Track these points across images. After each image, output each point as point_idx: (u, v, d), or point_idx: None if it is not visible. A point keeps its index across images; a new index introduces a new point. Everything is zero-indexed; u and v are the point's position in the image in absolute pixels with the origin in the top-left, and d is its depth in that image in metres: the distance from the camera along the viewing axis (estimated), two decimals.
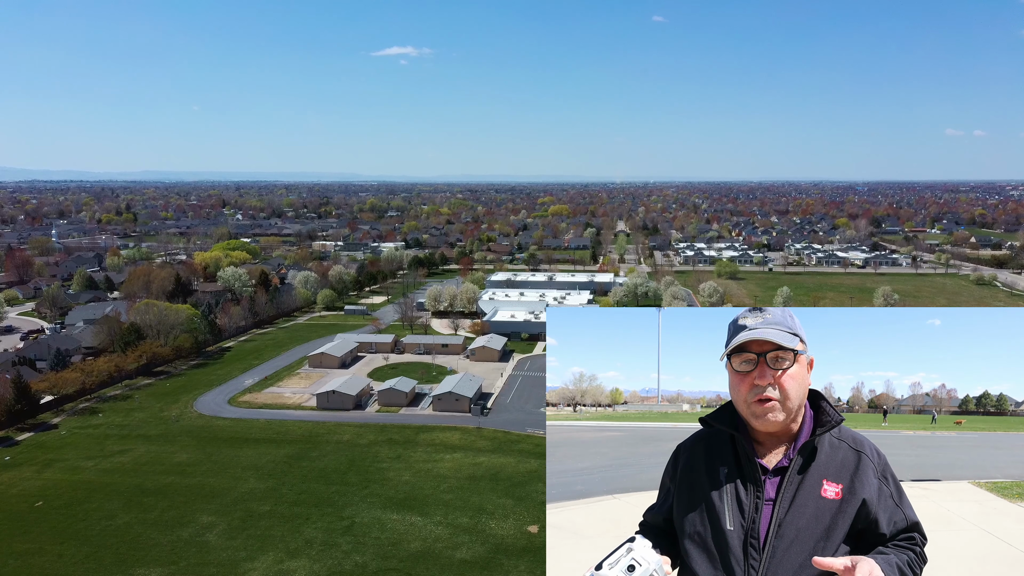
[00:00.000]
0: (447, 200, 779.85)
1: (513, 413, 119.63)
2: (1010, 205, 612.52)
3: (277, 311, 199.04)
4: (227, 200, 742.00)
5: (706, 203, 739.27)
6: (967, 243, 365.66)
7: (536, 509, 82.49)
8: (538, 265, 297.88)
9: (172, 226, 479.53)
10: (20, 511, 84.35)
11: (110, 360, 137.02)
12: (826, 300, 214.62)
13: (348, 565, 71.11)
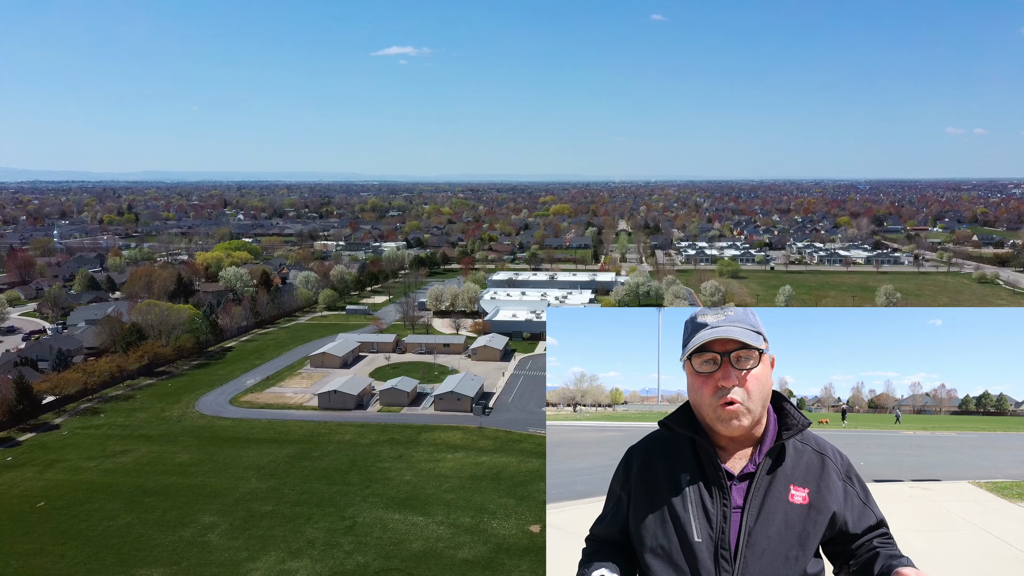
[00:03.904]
0: (448, 200, 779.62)
1: (515, 412, 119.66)
2: (1012, 203, 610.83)
3: (278, 311, 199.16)
4: (228, 200, 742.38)
5: (707, 202, 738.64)
6: (969, 241, 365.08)
7: (538, 509, 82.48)
8: (539, 264, 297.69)
9: (173, 226, 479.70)
10: (22, 511, 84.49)
11: (112, 360, 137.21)
12: (828, 299, 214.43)
13: (350, 565, 71.18)
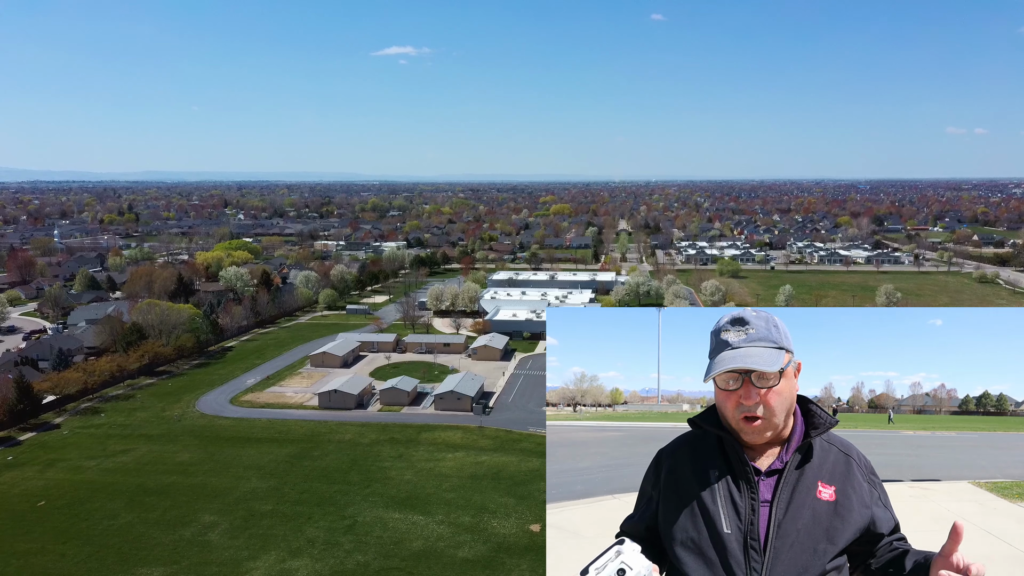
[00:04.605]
0: (448, 199, 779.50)
1: (515, 412, 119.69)
2: (1012, 203, 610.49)
3: (279, 311, 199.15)
4: (229, 200, 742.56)
5: (708, 202, 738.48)
6: (969, 241, 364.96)
7: (538, 508, 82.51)
8: (540, 264, 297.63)
9: (174, 226, 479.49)
10: (22, 511, 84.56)
11: (112, 360, 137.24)
12: (828, 299, 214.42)
13: (350, 564, 71.21)
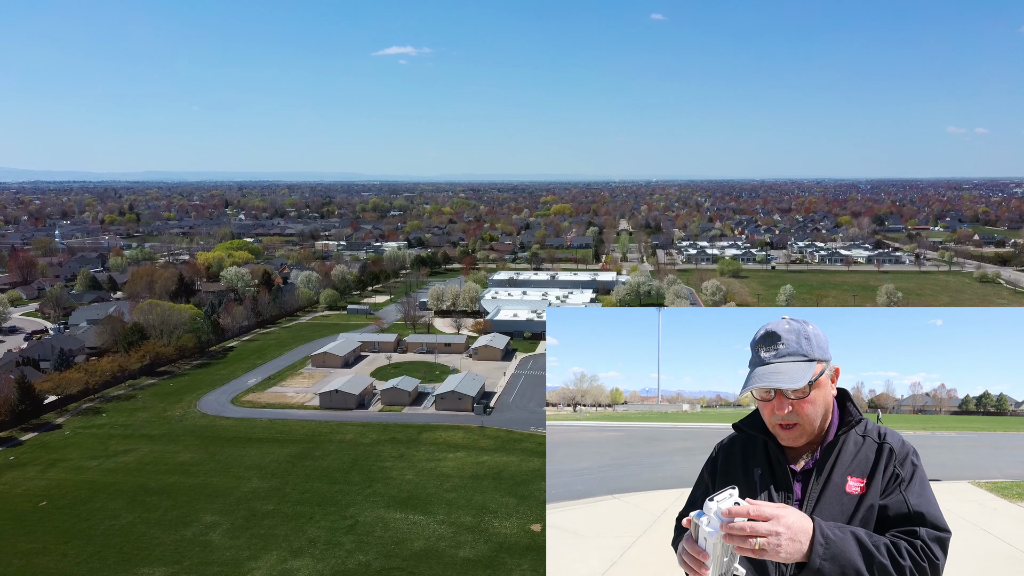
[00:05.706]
0: (449, 199, 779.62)
1: (516, 412, 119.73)
2: (1013, 202, 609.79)
3: (280, 311, 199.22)
4: (230, 200, 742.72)
5: (708, 201, 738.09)
6: (970, 240, 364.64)
7: (539, 508, 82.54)
8: (540, 264, 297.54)
9: (175, 226, 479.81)
10: (24, 511, 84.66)
11: (113, 360, 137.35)
12: (829, 298, 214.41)
13: (351, 564, 71.29)
